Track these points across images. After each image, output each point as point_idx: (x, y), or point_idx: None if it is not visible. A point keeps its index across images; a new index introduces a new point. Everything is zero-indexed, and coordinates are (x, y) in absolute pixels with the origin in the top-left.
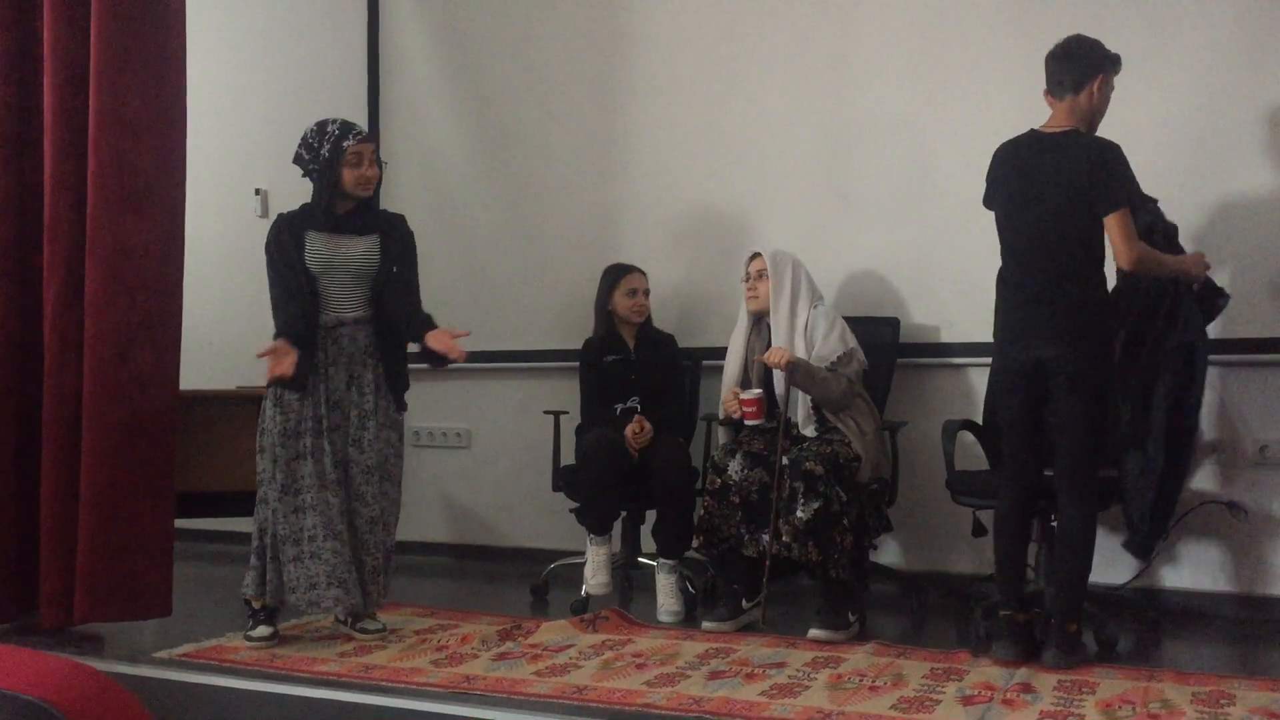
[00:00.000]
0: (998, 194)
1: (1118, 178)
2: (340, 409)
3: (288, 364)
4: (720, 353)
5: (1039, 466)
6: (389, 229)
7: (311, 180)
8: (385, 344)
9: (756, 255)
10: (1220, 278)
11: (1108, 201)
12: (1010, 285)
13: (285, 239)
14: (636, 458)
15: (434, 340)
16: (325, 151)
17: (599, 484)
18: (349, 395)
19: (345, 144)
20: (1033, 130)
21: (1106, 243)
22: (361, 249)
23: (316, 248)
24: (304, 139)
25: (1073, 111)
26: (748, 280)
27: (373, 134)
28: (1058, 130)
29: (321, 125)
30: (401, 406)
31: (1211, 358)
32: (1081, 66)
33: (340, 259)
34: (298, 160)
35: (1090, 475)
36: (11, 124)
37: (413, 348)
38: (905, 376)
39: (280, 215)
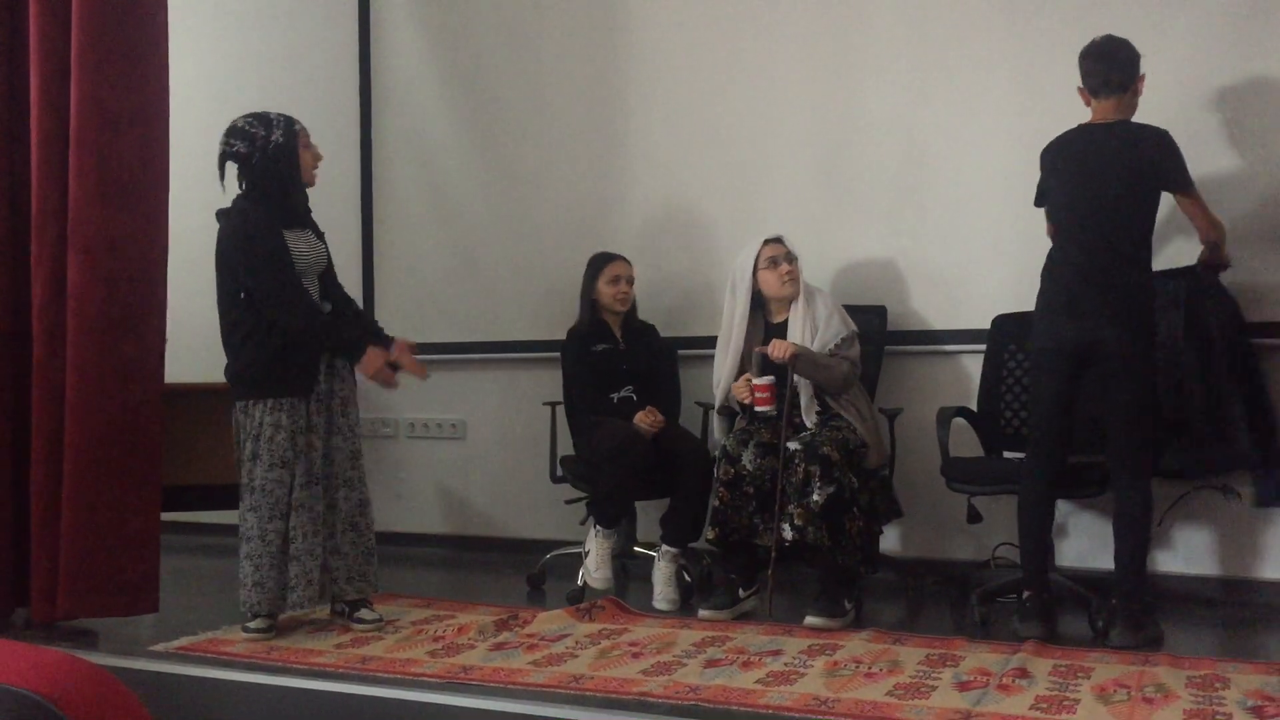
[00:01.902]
0: (1053, 184)
1: (1181, 159)
2: (323, 402)
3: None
4: (710, 341)
5: (1067, 450)
6: (313, 221)
7: (254, 173)
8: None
9: (776, 239)
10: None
11: (1182, 180)
12: (1067, 265)
13: (276, 234)
14: (651, 440)
15: (404, 359)
16: (278, 136)
17: (624, 478)
18: (331, 385)
19: (297, 127)
20: (1082, 125)
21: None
22: (315, 244)
23: (300, 249)
24: (235, 130)
25: (1120, 107)
26: (775, 264)
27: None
28: (1111, 122)
29: (259, 115)
30: None
31: None
32: (1129, 67)
33: (317, 258)
34: (230, 155)
35: (1146, 457)
36: (2, 116)
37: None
38: (893, 365)
39: (241, 209)
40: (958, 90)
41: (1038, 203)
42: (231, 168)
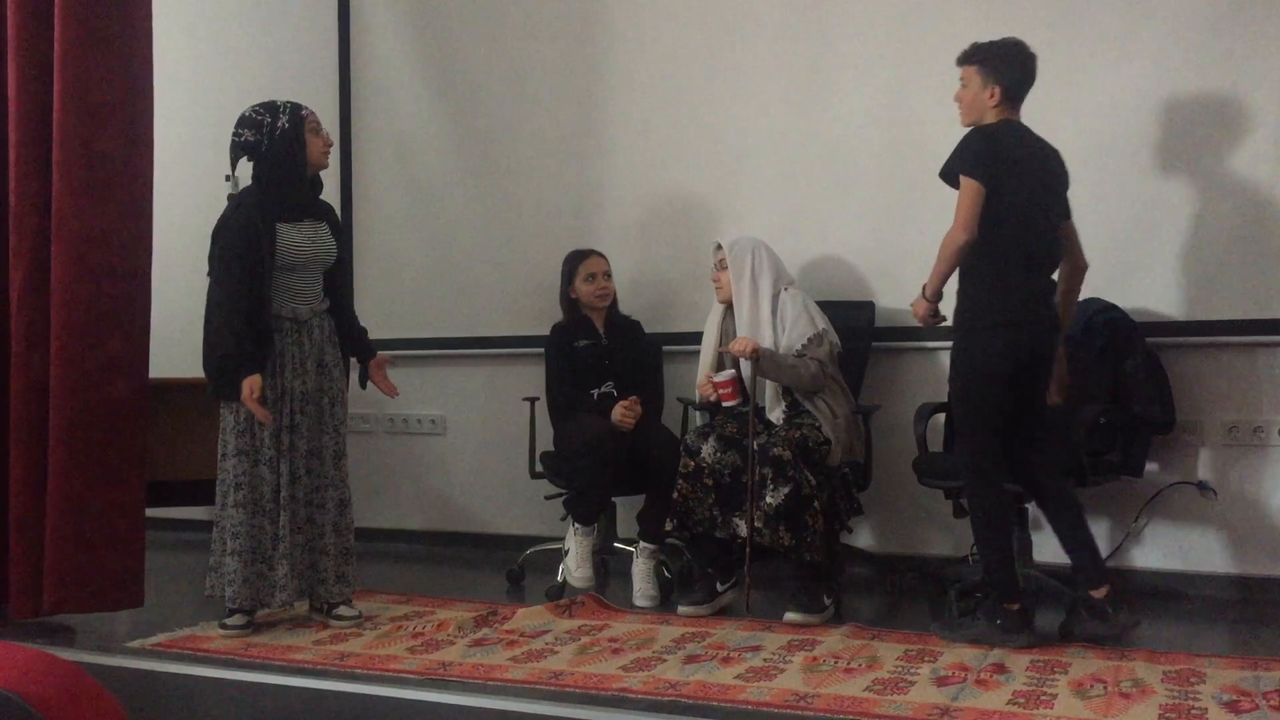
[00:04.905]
0: (1001, 184)
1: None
2: (312, 400)
3: (261, 407)
4: (693, 337)
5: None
6: (331, 216)
7: (262, 161)
8: (343, 329)
9: (719, 246)
10: (1192, 260)
11: (1068, 206)
12: (1017, 274)
13: (260, 230)
14: (631, 427)
15: (376, 375)
16: (284, 122)
17: (596, 474)
18: (320, 383)
19: (304, 112)
20: (1009, 122)
21: None
22: (325, 238)
23: (294, 241)
24: (245, 120)
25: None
26: (712, 271)
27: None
28: (1025, 126)
29: (266, 104)
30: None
31: (1180, 339)
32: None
33: (315, 252)
34: (240, 146)
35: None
36: None
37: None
38: (881, 360)
39: (240, 199)
40: (943, 84)
41: (978, 178)
42: (241, 159)
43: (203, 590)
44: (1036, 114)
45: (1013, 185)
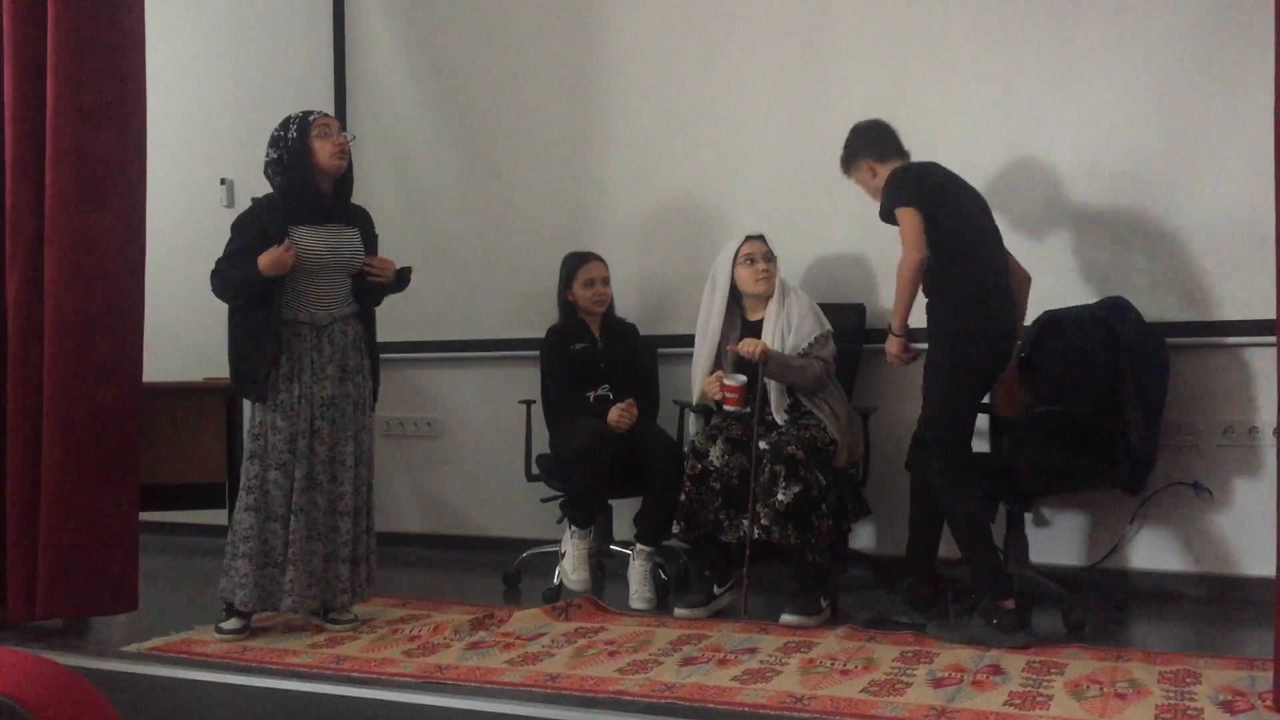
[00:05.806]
0: (944, 211)
1: None
2: (335, 406)
3: (287, 252)
4: (690, 340)
5: None
6: (365, 223)
7: (281, 172)
8: (370, 335)
9: (758, 237)
10: (1184, 263)
11: (998, 233)
12: (994, 287)
13: (270, 230)
14: (627, 429)
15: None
16: (293, 132)
17: (593, 477)
18: (343, 389)
19: (311, 117)
20: (924, 162)
21: None
22: (352, 243)
23: (311, 245)
24: (270, 141)
25: None
26: (752, 261)
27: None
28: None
29: (285, 119)
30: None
31: (1176, 340)
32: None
33: (336, 255)
34: (269, 165)
35: None
36: None
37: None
38: (872, 362)
39: (260, 200)
40: (933, 87)
41: (921, 207)
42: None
43: (200, 593)
44: (1035, 116)
45: (950, 204)
